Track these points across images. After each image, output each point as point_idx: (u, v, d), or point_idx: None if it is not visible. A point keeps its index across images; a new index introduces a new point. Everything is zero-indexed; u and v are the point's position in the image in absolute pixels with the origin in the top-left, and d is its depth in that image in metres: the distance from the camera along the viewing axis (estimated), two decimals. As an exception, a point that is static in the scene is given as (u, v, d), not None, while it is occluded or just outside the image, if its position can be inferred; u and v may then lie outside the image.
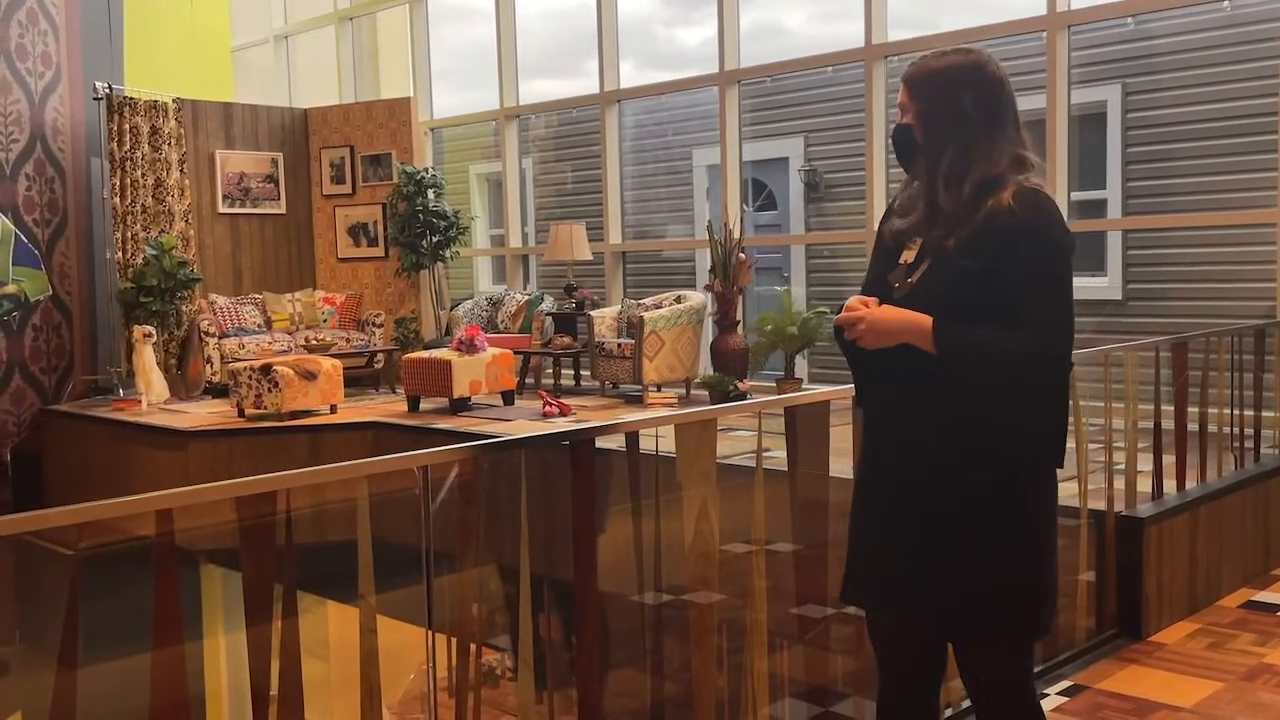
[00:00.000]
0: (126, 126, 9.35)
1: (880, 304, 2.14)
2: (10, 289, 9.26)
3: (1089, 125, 8.61)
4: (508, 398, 7.90)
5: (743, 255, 8.03)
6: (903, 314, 2.09)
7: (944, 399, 2.10)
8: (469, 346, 7.67)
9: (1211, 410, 4.88)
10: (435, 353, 7.87)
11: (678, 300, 8.34)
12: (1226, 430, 5.00)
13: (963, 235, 2.08)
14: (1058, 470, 2.18)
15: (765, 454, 3.38)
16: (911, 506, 2.15)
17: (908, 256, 2.17)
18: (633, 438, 3.20)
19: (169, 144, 9.57)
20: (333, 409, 7.90)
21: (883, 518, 2.21)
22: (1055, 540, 2.21)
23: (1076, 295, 2.12)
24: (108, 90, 9.39)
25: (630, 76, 10.46)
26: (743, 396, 7.12)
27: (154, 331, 8.83)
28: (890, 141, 2.20)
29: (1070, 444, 4.03)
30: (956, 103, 2.11)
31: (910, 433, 2.15)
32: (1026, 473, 2.13)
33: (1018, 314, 2.03)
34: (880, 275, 2.22)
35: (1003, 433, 2.09)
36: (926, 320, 2.06)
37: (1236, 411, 5.09)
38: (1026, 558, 2.13)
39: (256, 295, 9.88)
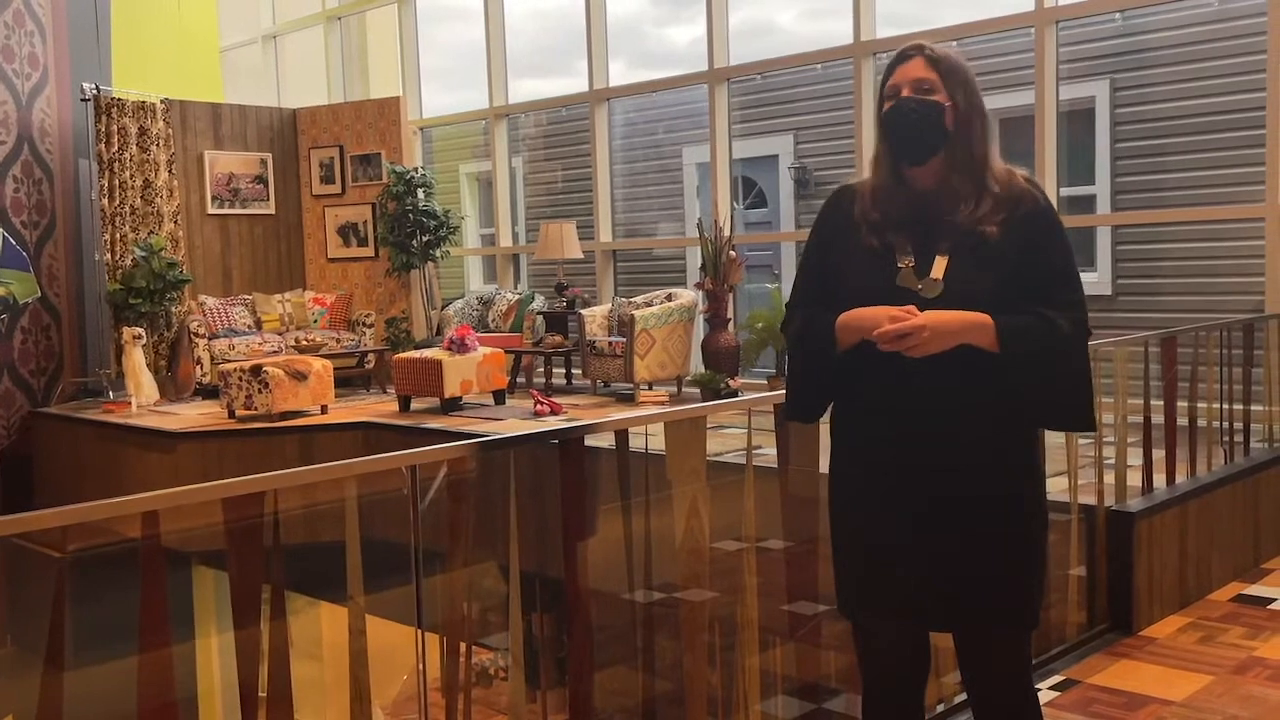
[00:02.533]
0: (114, 127, 9.32)
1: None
2: (-1, 291, 9.23)
3: (1078, 121, 8.61)
4: (499, 397, 7.90)
5: (733, 253, 8.02)
6: (961, 314, 2.03)
7: (985, 391, 2.08)
8: (460, 346, 7.66)
9: (1201, 404, 4.89)
10: (426, 352, 7.86)
11: (668, 298, 8.33)
12: (1216, 424, 5.02)
13: (998, 222, 2.08)
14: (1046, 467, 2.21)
15: (755, 451, 3.38)
16: (936, 506, 2.09)
17: (905, 260, 2.09)
18: (623, 436, 3.20)
19: (157, 145, 9.54)
20: (323, 409, 7.89)
21: (898, 520, 2.12)
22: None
23: None
24: (95, 91, 9.35)
25: (620, 75, 10.45)
26: (734, 394, 7.12)
27: (143, 333, 8.81)
28: (898, 119, 2.09)
29: (1059, 439, 4.05)
30: (978, 97, 2.13)
31: (941, 431, 2.08)
32: (1040, 455, 2.18)
33: (1055, 295, 2.07)
34: (880, 281, 2.09)
35: (1040, 418, 2.18)
36: (986, 318, 2.03)
37: (1226, 405, 5.10)
38: (1039, 547, 2.17)
39: (246, 296, 9.85)
